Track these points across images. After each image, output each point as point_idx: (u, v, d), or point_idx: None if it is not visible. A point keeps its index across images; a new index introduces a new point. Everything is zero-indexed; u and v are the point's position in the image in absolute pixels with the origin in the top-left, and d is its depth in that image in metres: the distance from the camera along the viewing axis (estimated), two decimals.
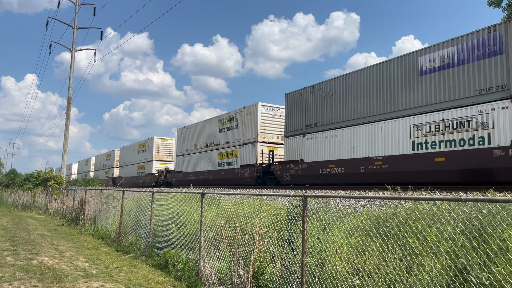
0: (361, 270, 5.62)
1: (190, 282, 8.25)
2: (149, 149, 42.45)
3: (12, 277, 8.00)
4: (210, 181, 29.35)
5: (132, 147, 48.55)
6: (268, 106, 25.60)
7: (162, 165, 41.13)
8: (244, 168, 25.42)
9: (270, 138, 25.38)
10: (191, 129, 34.36)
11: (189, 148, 33.68)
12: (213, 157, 29.38)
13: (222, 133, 29.00)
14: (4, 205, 30.57)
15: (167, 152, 42.74)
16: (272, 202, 10.53)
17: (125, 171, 49.72)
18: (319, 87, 20.37)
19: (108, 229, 14.90)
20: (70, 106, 35.30)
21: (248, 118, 25.93)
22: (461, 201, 4.09)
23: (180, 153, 35.64)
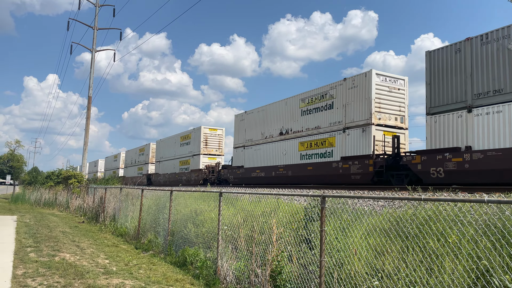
0: (380, 271, 5.56)
1: (208, 280, 8.31)
2: (195, 141, 36.92)
3: (35, 273, 8.20)
4: (288, 178, 23.58)
5: (173, 139, 43.03)
6: (384, 75, 19.11)
7: (211, 160, 35.92)
8: (349, 161, 19.06)
9: (387, 120, 18.89)
10: (255, 114, 28.42)
11: (252, 138, 28.11)
12: (292, 147, 23.72)
13: (306, 116, 22.95)
14: (27, 202, 31.31)
15: (216, 144, 37.10)
16: (289, 201, 10.52)
17: (163, 167, 44.42)
18: (506, 33, 13.63)
19: (128, 226, 15.12)
20: (90, 106, 35.92)
21: (354, 93, 19.64)
22: (483, 203, 4.01)
23: (239, 144, 29.96)
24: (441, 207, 5.72)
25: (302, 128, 23.41)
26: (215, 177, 32.94)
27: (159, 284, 7.90)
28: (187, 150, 38.69)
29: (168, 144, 43.98)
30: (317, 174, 21.44)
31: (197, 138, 36.84)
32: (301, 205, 8.71)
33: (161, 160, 45.29)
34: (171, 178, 40.65)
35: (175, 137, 42.57)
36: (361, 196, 5.64)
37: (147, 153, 51.06)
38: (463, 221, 5.23)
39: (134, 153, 57.17)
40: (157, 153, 47.46)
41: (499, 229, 4.90)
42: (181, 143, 40.53)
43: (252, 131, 28.55)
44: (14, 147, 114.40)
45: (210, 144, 36.65)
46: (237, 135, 30.74)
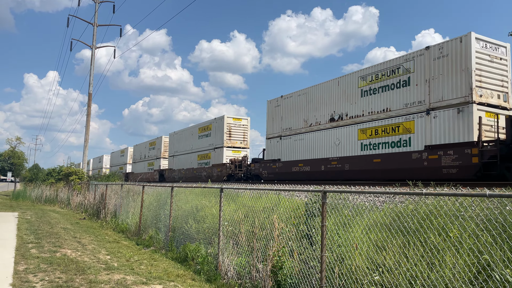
0: (381, 265, 5.57)
1: (209, 275, 8.33)
2: (217, 133, 32.92)
3: (36, 268, 8.22)
4: (345, 173, 19.58)
5: (189, 131, 39.19)
6: (485, 40, 15.42)
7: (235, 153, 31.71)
8: (439, 150, 15.19)
9: (489, 97, 15.14)
10: (295, 98, 24.43)
11: (291, 126, 24.21)
12: (349, 136, 19.81)
13: (369, 97, 18.89)
14: (28, 199, 31.36)
15: (241, 136, 32.62)
16: (289, 197, 10.52)
17: (178, 162, 40.50)
18: None
19: (129, 223, 15.15)
20: (90, 103, 35.92)
21: (442, 64, 15.75)
22: (485, 197, 4.01)
23: (273, 135, 26.04)
24: (442, 202, 5.72)
25: (363, 112, 19.18)
26: (242, 173, 29.01)
27: (160, 280, 7.92)
28: (207, 142, 34.55)
29: (184, 136, 39.98)
30: (387, 168, 17.24)
31: (219, 128, 32.51)
32: (302, 201, 8.72)
33: (176, 154, 41.26)
34: (188, 174, 36.93)
35: (191, 128, 38.71)
36: (362, 191, 5.64)
37: (159, 147, 46.69)
38: (464, 216, 5.23)
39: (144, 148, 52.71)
40: (170, 146, 43.31)
41: (500, 223, 4.90)
42: (199, 135, 36.39)
43: (292, 119, 24.39)
44: (15, 144, 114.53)
45: (234, 136, 32.21)
46: (271, 123, 26.45)
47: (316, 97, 22.65)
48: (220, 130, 32.37)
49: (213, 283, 7.92)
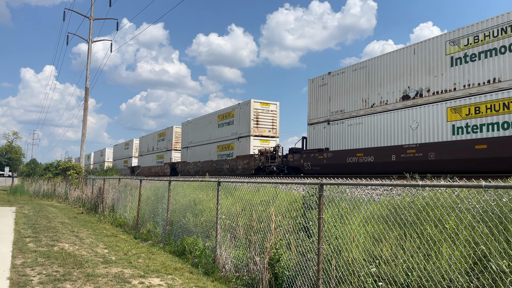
0: (378, 257, 5.59)
1: (207, 268, 8.35)
2: (242, 120, 28.98)
3: (34, 262, 8.22)
4: (429, 164, 15.62)
5: (206, 119, 35.38)
6: None
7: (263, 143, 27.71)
8: None
9: None
10: (348, 74, 20.36)
11: (344, 108, 20.12)
12: (433, 116, 16.01)
13: (464, 65, 15.17)
14: (26, 194, 31.35)
15: (270, 123, 28.58)
16: (287, 190, 10.54)
17: (193, 154, 36.91)
18: None
19: (126, 217, 15.16)
20: (87, 97, 35.78)
21: None
22: (481, 188, 4.01)
23: (318, 119, 21.91)
24: (438, 194, 5.73)
25: (454, 85, 15.39)
26: (276, 165, 25.14)
27: (158, 273, 7.93)
28: (228, 131, 30.78)
29: (200, 125, 36.18)
30: (498, 156, 13.60)
31: (244, 115, 28.62)
32: (299, 194, 8.73)
33: (190, 145, 37.47)
34: (206, 167, 32.94)
35: (209, 116, 34.98)
36: (359, 184, 5.65)
37: (169, 138, 42.66)
38: (460, 208, 5.25)
39: (152, 139, 48.54)
40: (183, 137, 39.56)
41: (496, 215, 4.92)
42: (219, 124, 32.68)
43: (344, 99, 20.39)
44: (12, 139, 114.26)
45: (262, 123, 28.15)
46: (314, 106, 22.42)
47: (380, 70, 18.44)
48: (246, 117, 28.31)
49: (211, 276, 7.94)
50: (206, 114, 36.00)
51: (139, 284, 7.01)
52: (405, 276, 5.06)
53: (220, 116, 32.81)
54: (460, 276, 4.62)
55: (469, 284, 4.56)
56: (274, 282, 6.83)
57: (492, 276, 4.42)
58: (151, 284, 7.07)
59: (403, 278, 5.05)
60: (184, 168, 37.34)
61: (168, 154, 42.30)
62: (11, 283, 6.74)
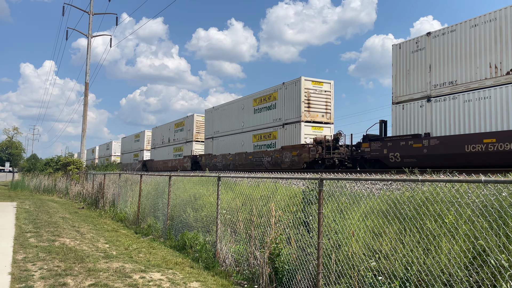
0: (377, 252, 5.61)
1: (207, 263, 8.39)
2: (289, 103, 24.00)
3: (35, 257, 8.25)
4: None
5: (236, 105, 30.17)
6: None
7: (316, 131, 22.91)
8: None
9: None
10: (461, 31, 15.50)
11: (455, 80, 15.44)
12: None
13: None
14: (26, 189, 31.39)
15: (323, 106, 23.52)
16: (287, 185, 10.56)
17: (220, 145, 32.11)
18: None
19: (127, 212, 15.20)
20: (87, 92, 35.73)
21: None
22: (481, 183, 4.02)
23: (409, 97, 17.26)
24: (438, 188, 5.74)
25: None
26: (341, 157, 20.77)
27: (159, 268, 7.97)
28: (269, 117, 25.93)
29: (229, 112, 31.31)
30: None
31: (292, 97, 23.64)
32: (299, 189, 8.74)
33: (216, 136, 32.89)
34: (239, 160, 28.31)
35: (241, 101, 29.56)
36: (358, 179, 5.65)
37: (189, 127, 37.95)
38: (460, 202, 5.26)
39: (167, 130, 43.55)
40: (207, 127, 34.88)
41: (496, 209, 4.93)
42: (255, 109, 27.45)
43: (456, 66, 15.60)
44: (12, 134, 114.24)
45: (314, 106, 23.10)
46: (402, 80, 17.64)
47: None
48: (294, 98, 23.47)
49: (211, 271, 7.98)
50: (238, 99, 30.62)
51: (140, 279, 7.05)
52: (404, 270, 5.09)
53: (257, 99, 27.36)
54: (460, 270, 4.64)
55: (468, 278, 4.59)
56: (274, 276, 6.86)
57: (491, 270, 4.44)
58: (152, 279, 7.10)
59: (403, 272, 5.08)
60: (210, 162, 32.48)
61: (188, 146, 37.42)
62: (13, 278, 6.77)
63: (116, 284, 6.67)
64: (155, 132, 47.96)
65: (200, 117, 37.45)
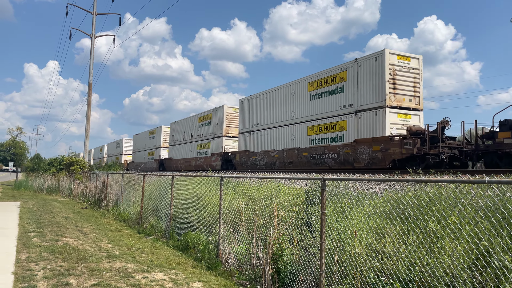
0: (380, 252, 5.60)
1: (210, 263, 8.39)
2: (364, 83, 19.06)
3: (38, 257, 8.28)
4: None
5: (284, 92, 25.16)
6: None
7: (403, 118, 18.10)
8: None
9: None
10: None
11: None
12: None
13: None
14: (30, 189, 31.50)
15: (411, 87, 18.61)
16: (290, 185, 10.55)
17: (260, 140, 27.11)
18: None
19: (130, 212, 15.23)
20: (91, 92, 35.84)
21: None
22: (484, 183, 4.00)
23: None
24: (441, 189, 5.72)
25: None
26: (452, 152, 16.21)
27: (161, 268, 7.98)
28: (333, 104, 20.96)
29: (272, 100, 26.32)
30: None
31: (371, 75, 18.68)
32: (302, 189, 8.73)
33: (255, 129, 27.88)
34: (290, 157, 23.62)
35: (291, 86, 24.40)
36: (362, 179, 5.64)
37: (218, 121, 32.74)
38: (463, 203, 5.23)
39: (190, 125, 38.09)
40: (242, 119, 29.81)
41: (500, 210, 4.91)
42: (312, 94, 22.51)
43: None
44: (16, 134, 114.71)
45: (401, 88, 18.27)
46: None
47: None
48: (374, 78, 18.48)
49: (214, 271, 7.98)
50: (286, 84, 25.42)
51: (143, 279, 7.06)
52: (407, 271, 5.07)
53: (315, 83, 22.48)
54: (463, 271, 4.62)
55: (472, 279, 4.56)
56: (277, 276, 6.85)
57: (495, 271, 4.42)
58: (155, 279, 7.11)
59: (406, 273, 5.06)
60: (247, 160, 27.75)
61: (217, 142, 32.51)
62: (16, 277, 6.79)
63: (119, 284, 6.68)
64: (174, 127, 42.46)
65: (231, 108, 32.38)
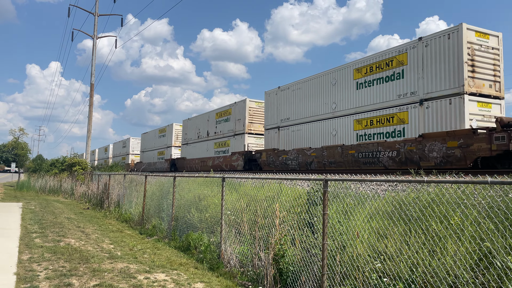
0: (382, 253, 5.58)
1: (212, 264, 8.39)
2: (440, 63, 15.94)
3: (40, 258, 8.29)
4: None
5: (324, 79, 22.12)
6: None
7: (483, 108, 15.38)
8: None
9: None
10: None
11: None
12: None
13: None
14: (32, 190, 31.56)
15: (490, 70, 15.87)
16: (292, 186, 10.53)
17: (291, 137, 24.17)
18: None
19: (132, 212, 15.24)
20: (93, 93, 35.88)
21: None
22: (487, 184, 3.98)
23: None
24: (444, 189, 5.70)
25: None
26: None
27: (163, 268, 7.98)
28: (389, 92, 18.00)
29: (307, 92, 23.31)
30: None
31: (443, 56, 15.86)
32: (304, 190, 8.72)
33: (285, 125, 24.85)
34: (331, 155, 20.56)
35: (333, 73, 21.49)
36: (363, 180, 5.63)
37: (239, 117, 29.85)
38: (466, 204, 5.22)
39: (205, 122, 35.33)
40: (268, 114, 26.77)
41: (502, 210, 4.89)
42: (359, 83, 19.57)
43: None
44: (18, 135, 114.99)
45: (480, 71, 15.49)
46: None
47: None
48: (447, 59, 15.65)
49: (216, 271, 7.98)
50: (324, 72, 22.23)
51: (145, 280, 7.05)
52: (410, 272, 5.05)
53: (363, 69, 19.38)
54: (465, 272, 4.61)
55: (474, 280, 4.55)
56: (278, 277, 6.84)
57: (498, 272, 4.40)
58: (157, 279, 7.11)
59: (408, 274, 5.04)
60: (276, 159, 24.65)
61: (238, 140, 29.34)
62: (18, 278, 6.80)
63: (121, 284, 6.68)
64: (187, 125, 39.04)
65: (254, 103, 29.30)
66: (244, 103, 29.35)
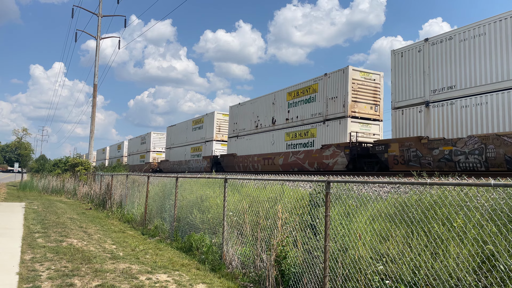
0: (384, 255, 5.57)
1: (213, 265, 8.39)
2: None
3: (43, 258, 8.31)
4: None
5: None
6: None
7: None
8: None
9: None
10: None
11: None
12: None
13: None
14: (35, 190, 31.64)
15: None
16: (294, 187, 10.53)
17: None
18: None
19: (134, 213, 15.26)
20: (96, 94, 35.97)
21: None
22: (490, 186, 3.97)
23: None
24: (446, 192, 5.69)
25: None
26: None
27: (165, 269, 7.98)
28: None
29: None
30: None
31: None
32: (306, 191, 8.71)
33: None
34: None
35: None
36: (366, 181, 5.62)
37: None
38: (469, 206, 5.20)
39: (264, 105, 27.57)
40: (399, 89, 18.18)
41: (505, 213, 4.87)
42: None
43: None
44: (22, 135, 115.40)
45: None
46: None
47: None
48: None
49: (218, 272, 7.98)
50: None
51: (147, 280, 7.06)
52: (412, 274, 5.04)
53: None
54: (468, 275, 4.59)
55: (477, 283, 4.53)
56: (280, 279, 6.83)
57: (500, 275, 4.38)
58: (158, 280, 7.12)
59: (410, 276, 5.03)
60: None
61: (343, 125, 20.56)
62: (20, 278, 6.82)
63: (123, 285, 6.69)
64: (236, 112, 31.29)
65: (358, 72, 20.92)
66: (347, 69, 20.78)
